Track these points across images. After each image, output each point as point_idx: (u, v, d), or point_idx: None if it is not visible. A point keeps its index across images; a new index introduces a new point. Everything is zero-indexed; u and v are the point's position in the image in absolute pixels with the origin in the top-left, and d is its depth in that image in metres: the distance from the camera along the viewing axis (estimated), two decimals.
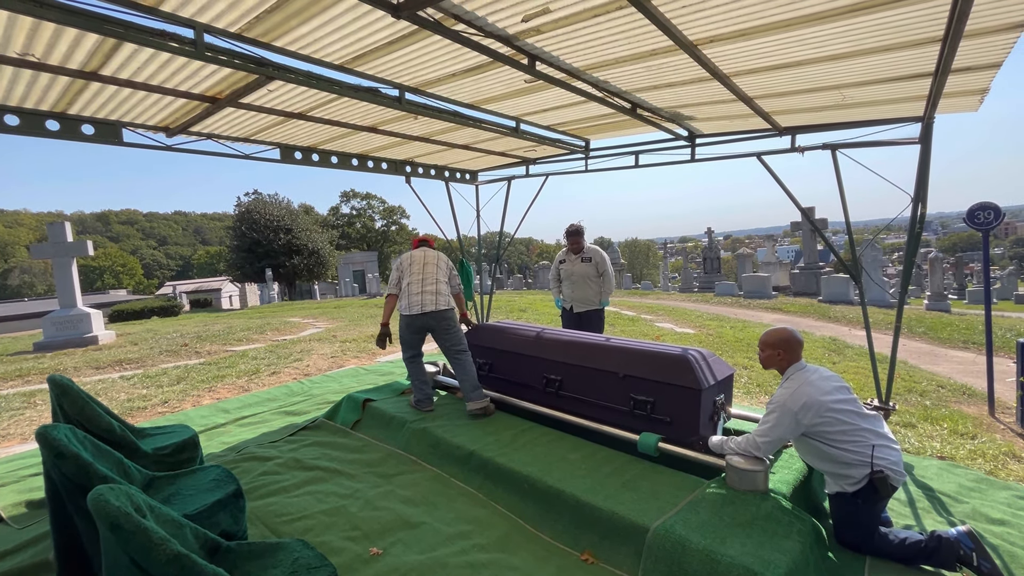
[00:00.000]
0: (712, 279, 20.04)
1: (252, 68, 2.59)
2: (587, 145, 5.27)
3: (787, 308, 13.06)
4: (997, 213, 5.00)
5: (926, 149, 3.39)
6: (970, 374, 6.25)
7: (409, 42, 2.61)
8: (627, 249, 65.65)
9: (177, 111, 3.48)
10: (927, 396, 5.25)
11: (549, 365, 3.85)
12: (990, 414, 4.73)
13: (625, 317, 12.02)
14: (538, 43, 2.62)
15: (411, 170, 5.75)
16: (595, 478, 2.87)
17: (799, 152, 4.14)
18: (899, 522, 2.84)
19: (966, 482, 3.28)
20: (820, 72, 2.94)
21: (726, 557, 2.13)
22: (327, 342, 9.29)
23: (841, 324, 10.55)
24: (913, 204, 3.49)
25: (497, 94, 3.56)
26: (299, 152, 4.67)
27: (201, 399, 5.68)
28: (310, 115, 3.78)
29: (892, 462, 2.43)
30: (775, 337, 2.68)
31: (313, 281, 33.19)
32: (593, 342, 3.74)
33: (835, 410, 2.47)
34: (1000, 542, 2.60)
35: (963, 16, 1.97)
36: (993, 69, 2.76)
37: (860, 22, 2.28)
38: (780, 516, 2.39)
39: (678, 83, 3.24)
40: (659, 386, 3.16)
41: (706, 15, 2.26)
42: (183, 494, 2.35)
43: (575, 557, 2.50)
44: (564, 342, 3.89)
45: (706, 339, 8.87)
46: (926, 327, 9.58)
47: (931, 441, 4.04)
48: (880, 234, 13.63)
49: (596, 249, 5.25)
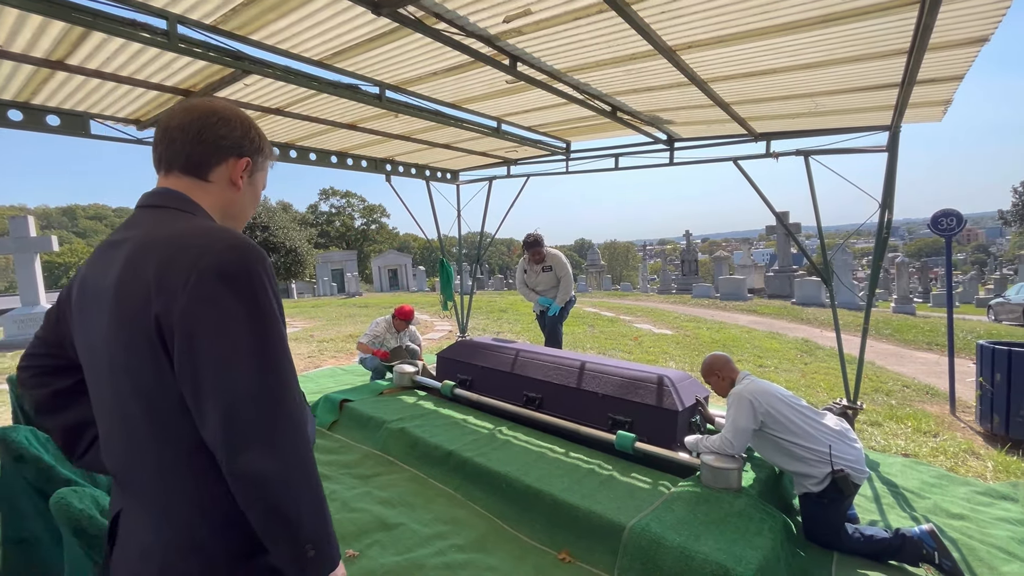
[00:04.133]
0: (690, 281, 20.37)
1: (228, 62, 2.53)
2: (568, 147, 5.31)
3: (761, 310, 13.36)
4: (959, 220, 5.21)
5: (893, 157, 3.51)
6: (933, 374, 6.49)
7: (390, 39, 2.59)
8: (607, 251, 66.29)
9: (149, 104, 3.39)
10: (893, 396, 5.44)
11: (530, 383, 3.87)
12: (951, 413, 4.93)
13: (604, 318, 12.13)
14: (519, 44, 2.63)
15: (391, 169, 5.70)
16: (573, 477, 2.89)
17: (774, 157, 4.24)
18: (865, 518, 2.93)
19: (928, 478, 3.40)
20: (794, 80, 3.02)
21: (700, 554, 2.17)
22: (304, 342, 9.14)
23: (813, 326, 10.84)
24: (880, 210, 3.61)
25: (478, 94, 3.56)
26: (277, 148, 4.58)
27: None
28: (288, 111, 3.72)
29: (852, 460, 2.53)
30: (707, 366, 2.88)
31: (290, 280, 32.59)
32: (574, 363, 3.78)
33: (785, 402, 2.63)
34: (959, 536, 2.70)
35: (927, 30, 2.04)
36: (956, 81, 2.88)
37: (831, 32, 2.36)
38: (752, 513, 2.45)
39: (657, 87, 3.28)
40: (637, 407, 3.24)
41: (685, 21, 2.30)
42: None
43: (552, 556, 2.51)
44: (545, 362, 3.91)
45: (683, 340, 9.00)
46: (893, 329, 9.92)
47: (896, 439, 4.18)
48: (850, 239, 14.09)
49: (555, 255, 5.37)
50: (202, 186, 0.97)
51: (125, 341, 0.83)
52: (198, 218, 0.93)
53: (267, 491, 0.78)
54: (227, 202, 1.00)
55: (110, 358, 0.85)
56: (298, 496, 0.81)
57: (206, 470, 0.82)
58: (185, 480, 0.84)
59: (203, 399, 0.78)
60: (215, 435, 0.77)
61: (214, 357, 0.78)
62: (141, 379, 0.82)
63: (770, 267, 19.88)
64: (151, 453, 0.85)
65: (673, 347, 8.30)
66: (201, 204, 0.95)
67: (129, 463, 0.88)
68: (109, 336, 0.85)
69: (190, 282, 0.79)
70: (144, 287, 0.81)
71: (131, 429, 0.86)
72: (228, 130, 0.97)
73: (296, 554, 0.81)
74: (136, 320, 0.81)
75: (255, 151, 1.02)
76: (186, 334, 0.78)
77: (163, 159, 0.96)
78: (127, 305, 0.82)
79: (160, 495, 0.85)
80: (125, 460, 0.89)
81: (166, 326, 0.79)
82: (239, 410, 0.77)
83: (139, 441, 0.85)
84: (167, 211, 0.92)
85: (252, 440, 0.77)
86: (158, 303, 0.79)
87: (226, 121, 0.97)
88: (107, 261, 0.89)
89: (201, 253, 0.81)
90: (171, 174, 0.96)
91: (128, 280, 0.83)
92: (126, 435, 0.87)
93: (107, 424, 0.91)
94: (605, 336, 9.42)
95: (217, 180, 0.98)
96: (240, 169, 1.00)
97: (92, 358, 0.91)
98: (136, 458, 0.87)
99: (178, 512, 0.84)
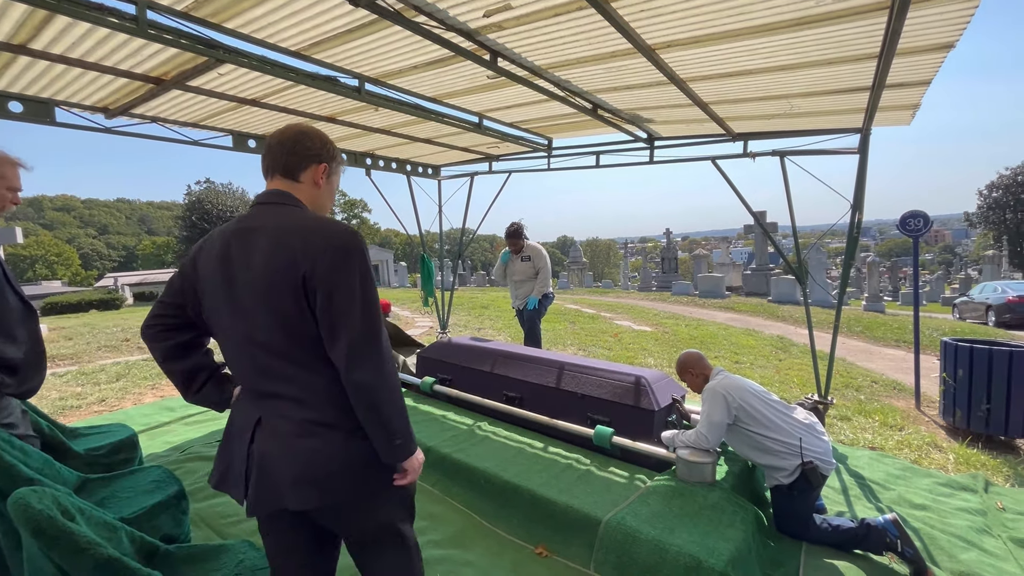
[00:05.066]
0: (669, 279, 20.64)
1: (201, 50, 2.47)
2: (550, 144, 5.31)
3: (739, 307, 13.62)
4: (926, 221, 5.38)
5: (863, 159, 3.61)
6: (900, 370, 6.71)
7: (369, 31, 2.55)
8: (589, 248, 66.69)
9: (118, 91, 3.28)
10: (862, 391, 5.61)
11: (510, 383, 3.88)
12: (916, 407, 5.10)
13: (586, 315, 12.21)
14: (500, 39, 2.62)
15: (371, 163, 5.64)
16: (551, 472, 2.91)
17: (751, 157, 4.32)
18: (833, 508, 3.02)
19: (893, 470, 3.52)
20: (770, 81, 3.08)
21: (673, 546, 2.21)
22: None
23: (788, 323, 11.09)
24: (851, 211, 3.71)
25: (460, 89, 3.54)
26: (253, 140, 4.49)
27: (143, 397, 5.39)
28: (265, 102, 3.64)
29: (821, 452, 2.60)
30: (680, 364, 2.96)
31: None
32: (553, 363, 3.80)
33: (758, 397, 2.70)
34: (921, 525, 2.81)
35: (896, 35, 2.10)
36: (924, 86, 2.97)
37: (805, 35, 2.40)
38: (725, 506, 2.50)
39: (637, 86, 3.31)
40: (615, 406, 3.27)
41: (663, 20, 2.32)
42: (119, 496, 2.23)
43: (529, 551, 2.53)
44: (525, 362, 3.92)
45: (662, 337, 9.13)
46: (863, 326, 10.22)
47: (864, 433, 4.31)
48: (824, 238, 14.49)
49: (535, 247, 5.47)
50: (295, 186, 1.35)
51: (275, 291, 1.20)
52: (306, 211, 1.32)
53: (370, 394, 1.21)
54: (313, 197, 1.37)
55: (259, 305, 1.22)
56: (389, 400, 1.24)
57: (332, 375, 1.24)
58: (317, 382, 1.25)
59: (336, 334, 1.20)
60: (340, 356, 1.20)
61: (343, 308, 1.19)
62: (288, 316, 1.21)
63: (748, 265, 20.26)
64: (292, 366, 1.25)
65: (652, 344, 8.41)
66: (299, 199, 1.33)
67: (270, 378, 1.27)
68: (258, 289, 1.22)
69: (327, 254, 1.19)
70: (291, 256, 1.20)
71: (276, 352, 1.24)
72: (311, 143, 1.35)
73: (388, 441, 1.25)
74: (286, 277, 1.19)
75: (330, 158, 1.39)
76: (326, 292, 1.19)
77: (269, 167, 1.36)
78: (277, 267, 1.20)
79: (299, 392, 1.25)
80: (266, 376, 1.27)
81: (309, 282, 1.19)
82: (356, 342, 1.20)
83: (283, 359, 1.25)
84: (283, 207, 1.31)
85: (362, 362, 1.20)
86: (304, 266, 1.18)
87: (309, 137, 1.35)
88: (250, 240, 1.26)
89: (330, 235, 1.22)
90: (275, 178, 1.35)
91: (277, 252, 1.21)
92: (271, 357, 1.25)
93: (248, 354, 1.28)
94: (586, 333, 9.49)
95: (305, 181, 1.35)
96: (320, 172, 1.37)
97: (233, 309, 1.27)
98: (279, 372, 1.25)
99: (312, 402, 1.25)
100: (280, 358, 1.24)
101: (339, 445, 1.25)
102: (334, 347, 1.20)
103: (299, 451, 1.23)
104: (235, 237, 1.28)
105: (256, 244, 1.24)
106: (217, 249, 1.30)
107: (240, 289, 1.25)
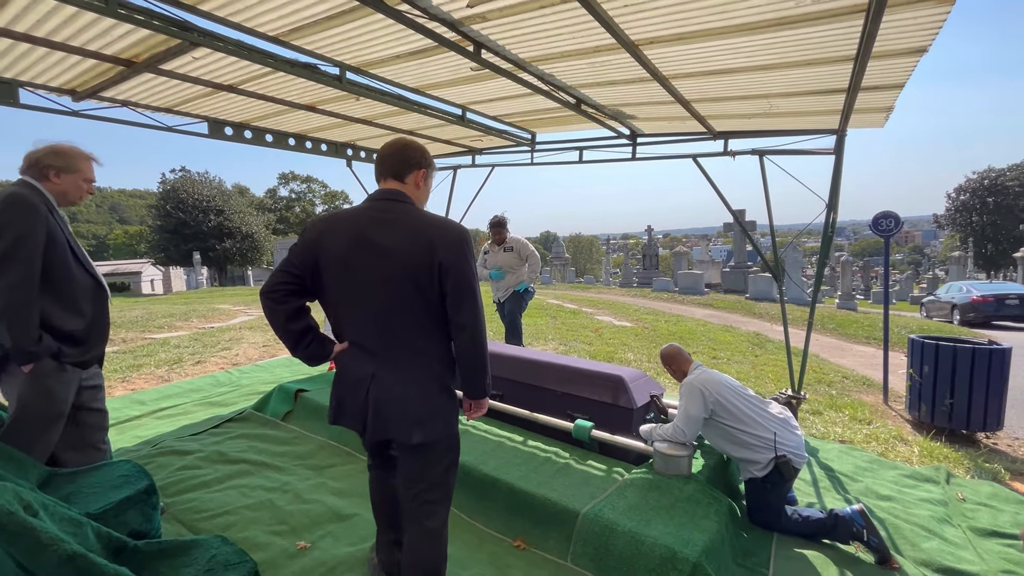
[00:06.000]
0: (650, 275, 20.88)
1: (174, 32, 2.39)
2: (533, 138, 5.31)
3: (717, 304, 13.85)
4: (897, 221, 5.53)
5: (839, 160, 3.69)
6: (870, 366, 6.92)
7: (350, 18, 2.50)
8: (571, 244, 66.99)
9: (86, 72, 3.15)
10: (833, 386, 5.76)
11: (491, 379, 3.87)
12: (884, 402, 5.27)
13: (567, 310, 12.28)
14: (483, 30, 2.60)
15: (352, 154, 5.55)
16: (530, 466, 2.93)
17: (731, 156, 4.38)
18: (804, 500, 3.10)
19: (861, 463, 3.63)
20: (750, 80, 3.12)
21: (649, 538, 2.24)
22: (260, 330, 8.84)
23: (765, 320, 11.33)
24: (826, 211, 3.79)
25: (443, 80, 3.50)
26: (230, 128, 4.38)
27: (112, 391, 5.24)
28: (242, 88, 3.55)
29: (794, 446, 2.67)
30: (667, 355, 3.01)
31: (246, 267, 31.38)
32: (534, 361, 3.80)
33: (734, 391, 2.76)
34: (886, 516, 2.90)
35: (872, 37, 2.15)
36: (897, 89, 3.04)
37: (785, 36, 2.44)
38: (700, 498, 2.55)
39: (620, 81, 3.32)
40: (595, 404, 3.30)
41: (646, 16, 2.33)
42: (85, 492, 2.16)
43: (508, 543, 2.54)
44: (506, 360, 3.91)
45: (642, 332, 9.23)
46: (836, 324, 10.49)
47: (834, 427, 4.44)
48: (800, 237, 14.85)
49: (517, 238, 5.50)
50: (402, 186, 1.75)
51: (412, 271, 1.60)
52: (424, 209, 1.79)
53: (483, 352, 1.71)
54: (415, 195, 1.78)
55: (397, 280, 1.61)
56: (487, 353, 1.73)
57: (437, 340, 1.70)
58: (439, 343, 1.71)
59: (460, 302, 1.64)
60: (466, 318, 1.65)
61: (465, 284, 1.64)
62: (423, 289, 1.62)
63: (727, 263, 20.61)
64: (419, 332, 1.67)
65: (632, 339, 8.50)
66: (409, 196, 1.74)
67: (394, 341, 1.67)
68: (392, 269, 1.61)
69: (458, 246, 1.63)
70: (427, 246, 1.60)
71: (407, 320, 1.65)
72: (413, 154, 1.76)
73: (483, 380, 1.76)
74: (422, 262, 1.60)
75: (427, 165, 1.80)
76: (455, 275, 1.62)
77: (382, 172, 1.76)
78: (413, 254, 1.60)
79: (416, 351, 1.68)
80: (385, 339, 1.67)
81: (443, 266, 1.60)
82: (478, 317, 1.66)
83: (412, 326, 1.66)
84: (402, 203, 1.70)
85: (480, 332, 1.68)
86: (439, 255, 1.60)
87: (412, 148, 1.77)
88: (390, 229, 1.63)
89: (456, 231, 1.66)
90: (388, 180, 1.75)
91: (413, 243, 1.61)
92: (401, 324, 1.65)
93: (371, 318, 1.66)
94: (567, 328, 9.54)
95: (408, 182, 1.75)
96: (420, 176, 1.78)
97: (366, 281, 1.64)
98: (399, 336, 1.66)
99: (427, 360, 1.70)
100: (403, 324, 1.65)
101: (437, 395, 1.71)
102: (460, 312, 1.65)
103: (407, 400, 1.66)
104: (373, 224, 1.64)
105: (397, 232, 1.63)
106: (353, 232, 1.65)
107: (378, 266, 1.61)
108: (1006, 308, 12.84)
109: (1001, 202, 32.36)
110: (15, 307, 1.98)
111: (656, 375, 5.59)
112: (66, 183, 2.21)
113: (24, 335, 1.99)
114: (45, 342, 2.07)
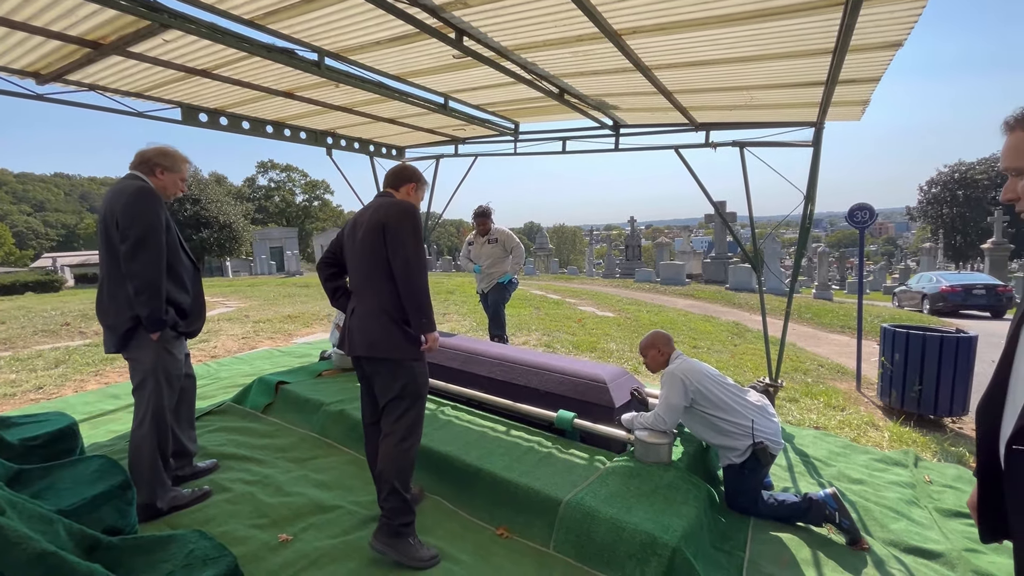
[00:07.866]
0: (633, 266, 21.04)
1: (143, 13, 2.30)
2: (516, 128, 5.27)
3: (698, 295, 14.05)
4: (871, 213, 5.66)
5: (816, 152, 3.75)
6: (844, 355, 7.11)
7: (328, 2, 2.44)
8: (555, 235, 67.07)
9: (50, 55, 3.02)
10: (809, 374, 5.91)
11: (473, 379, 3.86)
12: (857, 389, 5.43)
13: (551, 300, 12.32)
14: (466, 17, 2.56)
15: (333, 142, 5.45)
16: (513, 455, 2.94)
17: (712, 147, 4.42)
18: (779, 484, 3.19)
19: (835, 448, 3.74)
20: (731, 72, 3.14)
21: (630, 524, 2.28)
22: (238, 322, 8.68)
23: (744, 310, 11.54)
24: (804, 202, 3.86)
25: (425, 67, 3.44)
26: (204, 114, 4.25)
27: (85, 384, 5.10)
28: (216, 73, 3.44)
29: (771, 433, 2.74)
30: (650, 339, 3.00)
31: (224, 257, 30.68)
32: (517, 360, 3.80)
33: (714, 380, 2.80)
34: (858, 499, 3.00)
35: (850, 30, 2.17)
36: (873, 83, 3.09)
37: (764, 28, 2.45)
38: (680, 484, 2.60)
39: (603, 71, 3.31)
40: (577, 403, 3.32)
41: (629, 4, 2.32)
42: (58, 488, 2.10)
43: (491, 532, 2.56)
44: (489, 359, 3.90)
45: (624, 322, 9.32)
46: (812, 313, 10.74)
47: (809, 414, 4.56)
48: (779, 228, 15.11)
49: (501, 230, 5.49)
50: (395, 192, 2.41)
51: (372, 235, 2.24)
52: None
53: (415, 292, 2.21)
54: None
55: (365, 244, 2.27)
56: (422, 294, 2.22)
57: (391, 287, 2.24)
58: (389, 286, 2.24)
59: (395, 259, 2.20)
60: (400, 272, 2.19)
61: (399, 243, 2.19)
62: (377, 248, 2.23)
63: (708, 254, 20.86)
64: (376, 278, 2.26)
65: (615, 329, 8.58)
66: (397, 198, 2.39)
67: (365, 284, 2.31)
68: (365, 236, 2.27)
69: (398, 215, 2.22)
70: (382, 217, 2.23)
71: (370, 270, 2.27)
72: (407, 171, 2.45)
73: (420, 319, 2.23)
74: (377, 228, 2.23)
75: (417, 180, 2.46)
76: (393, 235, 2.20)
77: (384, 184, 2.46)
78: (374, 224, 2.24)
79: (377, 293, 2.27)
80: (364, 283, 2.31)
81: (386, 228, 2.21)
82: (409, 264, 2.19)
83: (372, 274, 2.26)
84: (389, 197, 2.38)
85: (412, 275, 2.20)
86: (385, 221, 2.22)
87: (408, 168, 2.46)
88: (369, 212, 2.32)
89: (401, 205, 2.28)
90: (388, 188, 2.43)
91: (376, 216, 2.25)
92: (367, 273, 2.29)
93: (359, 272, 2.33)
94: (551, 318, 9.58)
95: (401, 191, 2.41)
96: (411, 188, 2.44)
97: (355, 246, 2.33)
98: (368, 281, 2.29)
99: (383, 299, 2.25)
100: (369, 274, 2.27)
101: (388, 324, 2.24)
102: (396, 266, 2.19)
103: (368, 325, 2.27)
104: (361, 214, 2.37)
105: (372, 213, 2.28)
106: (353, 221, 2.41)
107: (360, 236, 2.30)
108: (973, 298, 13.30)
109: (970, 195, 33.31)
110: (153, 283, 2.36)
111: (637, 367, 5.65)
112: (168, 180, 2.60)
113: (160, 307, 2.40)
114: (171, 313, 2.50)
